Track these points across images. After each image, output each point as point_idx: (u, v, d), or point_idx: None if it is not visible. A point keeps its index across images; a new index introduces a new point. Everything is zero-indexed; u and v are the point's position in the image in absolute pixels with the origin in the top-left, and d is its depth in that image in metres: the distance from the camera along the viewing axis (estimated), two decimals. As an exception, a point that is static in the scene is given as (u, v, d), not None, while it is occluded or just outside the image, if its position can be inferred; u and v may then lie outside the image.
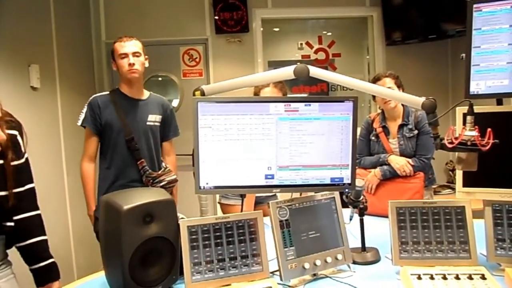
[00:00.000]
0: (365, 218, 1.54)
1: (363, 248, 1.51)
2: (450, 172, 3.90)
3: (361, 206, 1.53)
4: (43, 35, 2.83)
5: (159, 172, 2.28)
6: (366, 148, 2.38)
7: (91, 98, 2.23)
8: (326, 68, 4.17)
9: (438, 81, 3.98)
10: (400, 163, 2.18)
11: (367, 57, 4.23)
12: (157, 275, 1.26)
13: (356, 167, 2.25)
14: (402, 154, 2.25)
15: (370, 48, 4.13)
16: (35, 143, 2.58)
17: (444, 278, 1.22)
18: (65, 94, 3.02)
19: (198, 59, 3.90)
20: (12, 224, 1.40)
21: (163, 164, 2.37)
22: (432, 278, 1.23)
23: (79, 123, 2.20)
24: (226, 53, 3.85)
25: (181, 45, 3.87)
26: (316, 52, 4.17)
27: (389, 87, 2.21)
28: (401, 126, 2.27)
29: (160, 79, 3.88)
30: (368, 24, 4.12)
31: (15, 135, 1.42)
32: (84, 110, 2.21)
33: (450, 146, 1.22)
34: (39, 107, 2.69)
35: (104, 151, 2.24)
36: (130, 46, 2.18)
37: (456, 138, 1.22)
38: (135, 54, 2.19)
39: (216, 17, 3.76)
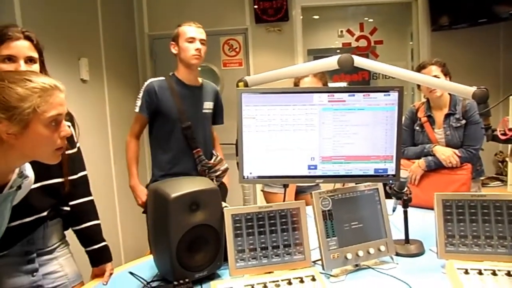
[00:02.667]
0: (409, 210, 1.52)
1: (407, 240, 1.49)
2: (500, 164, 3.72)
3: (405, 197, 1.50)
4: (92, 30, 2.96)
5: (214, 162, 2.28)
6: (409, 138, 2.32)
7: (147, 83, 2.22)
8: (367, 56, 4.07)
9: (488, 68, 3.77)
10: (446, 154, 2.11)
11: (411, 43, 4.09)
12: (203, 261, 1.30)
13: (399, 157, 2.22)
14: (448, 144, 2.18)
15: (414, 34, 3.98)
16: (85, 132, 2.70)
17: (494, 274, 1.18)
18: (112, 85, 3.15)
19: (238, 49, 3.93)
20: (68, 208, 1.50)
21: (214, 152, 2.38)
22: (480, 273, 1.19)
23: (137, 109, 2.19)
24: (266, 42, 3.85)
25: (221, 35, 3.91)
26: (357, 39, 4.08)
27: (435, 76, 2.13)
28: (447, 116, 2.19)
29: (199, 69, 3.94)
30: (413, 9, 3.97)
31: (68, 126, 1.51)
32: (140, 95, 2.20)
33: (503, 137, 1.18)
34: (88, 98, 2.83)
35: (160, 138, 2.24)
36: (199, 32, 2.18)
37: (510, 130, 1.17)
38: (202, 42, 2.19)
39: (256, 7, 3.76)
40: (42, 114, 1.02)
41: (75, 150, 1.55)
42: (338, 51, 4.18)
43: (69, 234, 1.55)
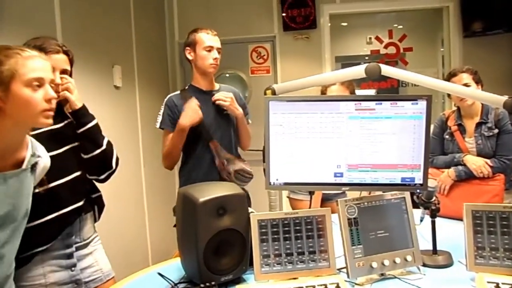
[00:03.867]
0: (437, 220, 1.49)
1: (435, 251, 1.47)
2: (536, 175, 3.58)
3: (433, 207, 1.48)
4: (125, 39, 3.07)
5: (234, 156, 2.22)
6: (439, 147, 2.28)
7: (166, 98, 2.25)
8: (396, 63, 4.03)
9: (523, 76, 3.66)
10: (477, 164, 2.06)
11: (442, 49, 4.01)
12: (229, 265, 1.32)
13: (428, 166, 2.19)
14: (480, 154, 2.12)
15: (446, 40, 3.90)
16: (117, 135, 2.82)
17: (526, 288, 1.15)
18: (143, 92, 3.26)
19: (266, 56, 3.97)
20: (97, 194, 1.66)
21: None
22: (512, 287, 1.16)
23: (158, 125, 2.21)
24: (294, 49, 3.88)
25: (250, 43, 3.97)
26: (386, 46, 4.04)
27: (466, 84, 2.09)
28: (479, 124, 2.14)
29: (227, 75, 4.02)
30: (444, 15, 3.90)
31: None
32: (161, 111, 2.22)
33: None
34: (120, 104, 2.93)
35: (184, 147, 2.24)
36: (216, 41, 2.18)
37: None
38: (218, 50, 2.20)
39: (284, 14, 3.79)
40: (22, 75, 1.11)
41: None
42: (366, 58, 4.15)
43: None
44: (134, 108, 3.17)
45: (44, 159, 1.30)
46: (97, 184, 1.68)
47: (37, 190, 1.36)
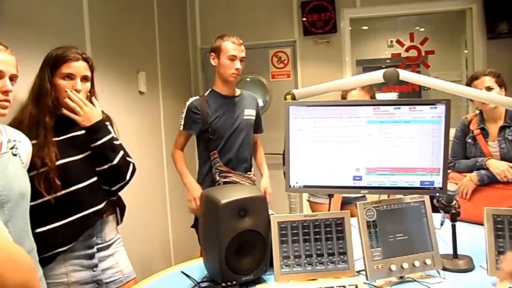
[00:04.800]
0: (459, 224, 1.49)
1: (455, 255, 1.47)
2: None
3: (453, 211, 1.48)
4: (149, 46, 3.17)
5: (229, 168, 2.29)
6: (461, 151, 2.25)
7: (188, 102, 2.33)
8: (418, 66, 3.99)
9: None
10: (501, 168, 2.03)
11: (465, 52, 3.95)
12: (249, 265, 1.36)
13: (450, 170, 2.17)
14: (503, 158, 2.09)
15: (469, 43, 3.85)
16: (141, 139, 2.92)
17: (549, 293, 1.14)
18: (166, 97, 3.35)
19: (286, 61, 4.01)
20: (115, 198, 1.68)
21: (252, 173, 2.43)
22: (534, 292, 1.15)
23: (181, 127, 2.32)
24: (314, 54, 3.90)
25: (270, 48, 4.01)
26: (407, 50, 4.01)
27: (488, 87, 2.07)
28: (502, 128, 2.11)
29: (248, 79, 4.07)
30: (467, 17, 3.85)
31: (108, 125, 1.67)
32: (183, 114, 2.32)
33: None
34: (145, 109, 3.02)
35: (199, 150, 2.40)
36: (241, 51, 2.24)
37: None
38: (242, 60, 2.25)
39: (304, 19, 3.82)
40: None
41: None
42: (387, 61, 4.13)
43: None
44: (157, 112, 3.26)
45: (24, 143, 1.37)
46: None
47: (49, 197, 1.44)
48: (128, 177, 1.64)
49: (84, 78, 1.56)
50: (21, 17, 1.83)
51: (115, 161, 1.58)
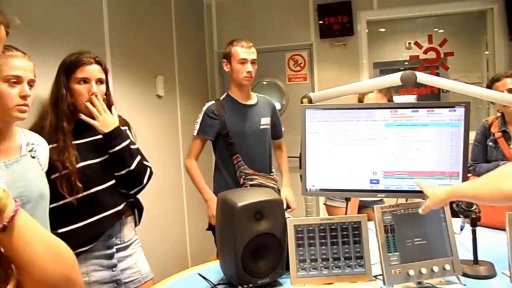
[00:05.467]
0: (481, 229, 1.46)
1: (476, 260, 1.43)
2: None
3: (473, 216, 1.45)
4: (167, 50, 3.22)
5: (254, 171, 2.30)
6: (482, 154, 2.21)
7: (205, 107, 2.34)
8: (437, 68, 3.93)
9: None
10: (523, 172, 1.98)
11: (486, 53, 3.87)
12: (265, 268, 1.36)
13: (470, 174, 2.12)
14: (526, 162, 2.04)
15: (490, 44, 3.77)
16: (159, 143, 2.96)
17: None
18: (183, 101, 3.39)
19: (302, 64, 4.00)
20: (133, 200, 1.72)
21: (274, 173, 2.45)
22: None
23: (195, 132, 2.32)
24: (331, 57, 3.88)
25: (287, 51, 4.01)
26: (425, 51, 3.95)
27: (510, 89, 2.03)
28: (525, 131, 2.07)
29: (264, 83, 4.08)
30: (488, 18, 3.77)
31: (126, 130, 1.71)
32: (199, 119, 2.32)
33: None
34: (163, 113, 3.07)
35: (217, 156, 2.38)
36: (251, 53, 2.25)
37: None
38: (253, 62, 2.27)
39: (321, 22, 3.81)
40: (2, 71, 1.21)
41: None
42: (405, 64, 4.08)
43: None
44: (175, 116, 3.30)
45: (42, 145, 1.41)
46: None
47: (70, 199, 1.47)
48: (145, 181, 1.68)
49: (99, 81, 1.60)
50: (42, 23, 1.88)
51: (132, 166, 1.62)
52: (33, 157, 1.34)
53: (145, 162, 1.70)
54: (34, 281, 0.65)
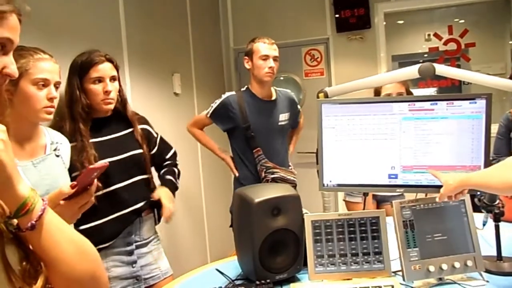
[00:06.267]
0: (503, 225, 1.42)
1: (499, 257, 1.40)
2: None
3: (496, 211, 1.41)
4: (183, 48, 3.24)
5: (275, 164, 2.31)
6: (505, 147, 2.15)
7: (225, 96, 2.35)
8: (458, 60, 3.83)
9: None
10: (549, 165, 1.92)
11: (510, 42, 3.75)
12: (283, 264, 1.36)
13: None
14: (552, 154, 1.98)
15: (514, 33, 3.65)
16: (177, 140, 2.97)
17: None
18: (200, 97, 3.41)
19: (319, 58, 3.96)
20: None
21: (291, 164, 2.46)
22: None
23: (208, 114, 2.36)
24: (348, 50, 3.83)
25: (303, 46, 3.98)
26: (445, 43, 3.86)
27: (535, 79, 1.96)
28: (550, 123, 2.00)
29: (281, 78, 4.06)
30: (511, 6, 3.65)
31: (146, 128, 1.73)
32: (215, 104, 2.35)
33: None
34: (180, 110, 3.09)
35: (235, 149, 2.40)
36: (273, 50, 2.25)
37: None
38: (275, 59, 2.26)
39: (337, 16, 3.77)
40: (30, 74, 1.23)
41: (155, 150, 1.82)
42: (425, 56, 3.99)
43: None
44: (192, 113, 3.31)
45: (65, 144, 1.45)
46: None
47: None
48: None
49: (112, 78, 1.63)
50: (61, 24, 1.92)
51: (178, 185, 1.92)
52: (57, 156, 1.37)
53: (178, 168, 1.97)
54: (61, 278, 0.67)
